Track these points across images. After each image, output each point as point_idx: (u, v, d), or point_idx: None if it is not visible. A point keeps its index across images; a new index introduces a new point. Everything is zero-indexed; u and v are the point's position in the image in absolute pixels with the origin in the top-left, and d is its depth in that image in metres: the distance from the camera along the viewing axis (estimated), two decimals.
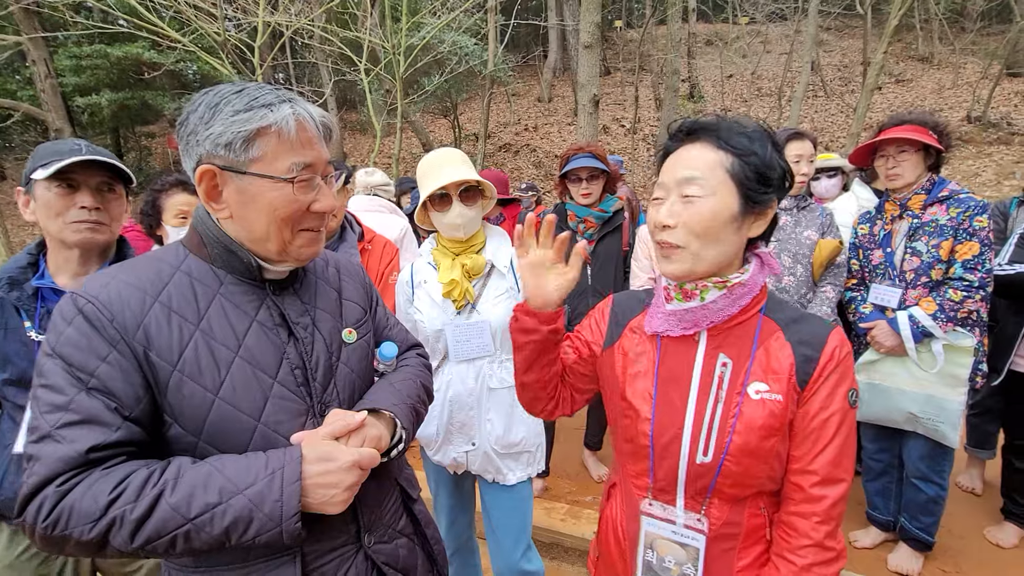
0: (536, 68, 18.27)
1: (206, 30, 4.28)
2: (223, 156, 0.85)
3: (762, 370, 0.97)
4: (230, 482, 0.78)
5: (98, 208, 1.37)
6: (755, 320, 1.00)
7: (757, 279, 1.00)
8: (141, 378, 0.82)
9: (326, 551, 0.93)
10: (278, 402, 0.89)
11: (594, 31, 6.35)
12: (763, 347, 0.98)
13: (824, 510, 0.94)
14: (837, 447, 0.94)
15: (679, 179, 0.95)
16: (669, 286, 1.02)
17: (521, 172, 13.19)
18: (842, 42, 17.37)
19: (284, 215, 0.88)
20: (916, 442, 2.17)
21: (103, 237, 1.40)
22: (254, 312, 0.92)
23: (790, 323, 1.00)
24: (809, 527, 0.94)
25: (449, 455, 1.76)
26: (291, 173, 0.87)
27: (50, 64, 11.53)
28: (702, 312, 0.98)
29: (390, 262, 2.08)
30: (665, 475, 1.02)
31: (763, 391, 0.95)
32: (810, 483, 0.95)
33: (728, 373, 0.98)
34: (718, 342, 1.00)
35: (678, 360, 1.02)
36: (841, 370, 0.95)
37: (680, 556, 1.02)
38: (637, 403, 1.03)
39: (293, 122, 0.86)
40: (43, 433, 0.77)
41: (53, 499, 0.74)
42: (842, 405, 0.95)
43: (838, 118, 13.04)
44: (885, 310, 2.19)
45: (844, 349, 0.96)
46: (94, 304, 0.81)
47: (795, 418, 0.96)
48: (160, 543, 0.75)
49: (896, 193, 2.18)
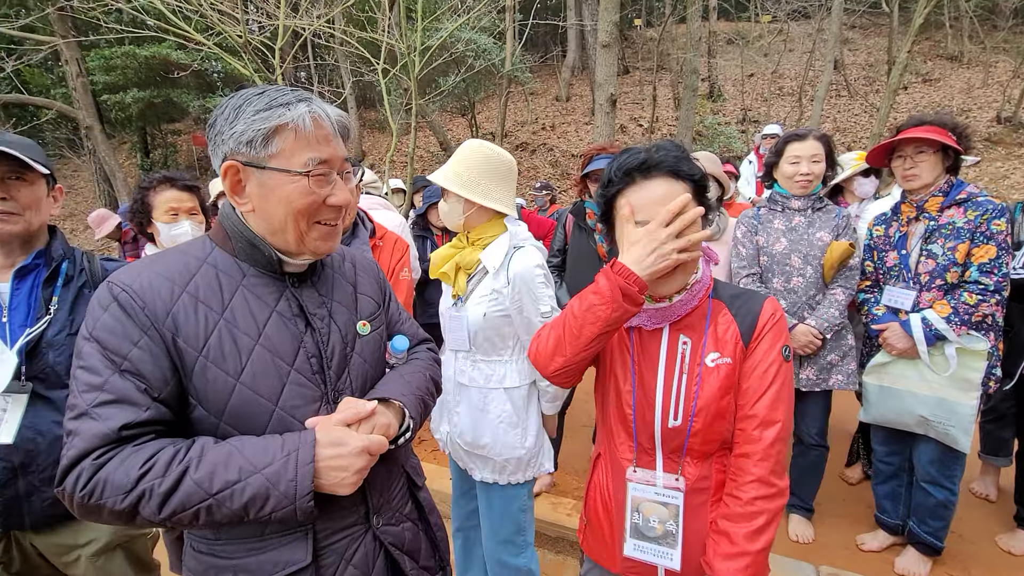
0: (554, 67, 18.24)
1: (228, 33, 4.40)
2: (245, 152, 0.90)
3: (714, 342, 1.16)
4: (249, 462, 0.84)
5: (4, 198, 1.32)
6: (706, 304, 1.20)
7: (706, 272, 1.21)
8: (169, 362, 0.88)
9: (337, 529, 0.98)
10: (294, 388, 0.95)
11: (612, 30, 6.35)
12: (713, 323, 1.18)
13: (763, 448, 1.11)
14: (774, 393, 1.12)
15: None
16: None
17: (538, 171, 13.20)
18: (868, 40, 17.00)
19: (300, 207, 0.93)
20: (927, 446, 2.15)
21: (16, 227, 1.34)
22: (274, 303, 0.97)
23: (732, 299, 1.21)
24: (751, 464, 1.12)
25: (440, 430, 1.87)
26: (307, 167, 0.92)
27: (81, 63, 11.91)
28: (669, 310, 1.18)
29: (401, 258, 2.13)
30: (646, 440, 1.20)
31: (716, 358, 1.15)
32: (752, 426, 1.12)
33: (688, 350, 1.17)
34: (678, 327, 1.20)
35: (648, 344, 1.22)
36: (776, 330, 1.15)
37: (663, 514, 1.18)
38: (621, 382, 1.23)
39: (309, 120, 0.91)
40: (81, 411, 0.83)
41: (89, 471, 0.80)
42: (777, 358, 1.14)
43: (862, 118, 12.78)
44: (898, 312, 2.17)
45: (777, 313, 1.17)
46: (128, 292, 0.88)
47: (740, 374, 1.15)
48: (185, 515, 0.81)
49: (912, 194, 2.17)
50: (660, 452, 1.21)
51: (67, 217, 15.75)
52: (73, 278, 1.44)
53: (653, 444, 1.20)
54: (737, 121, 13.62)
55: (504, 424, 1.72)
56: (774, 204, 2.43)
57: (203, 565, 0.95)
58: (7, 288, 1.35)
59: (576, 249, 2.87)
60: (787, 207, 2.39)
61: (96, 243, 12.73)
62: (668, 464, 1.20)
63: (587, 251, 2.82)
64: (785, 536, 2.50)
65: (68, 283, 1.43)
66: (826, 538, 2.50)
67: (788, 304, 2.33)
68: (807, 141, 2.33)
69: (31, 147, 1.38)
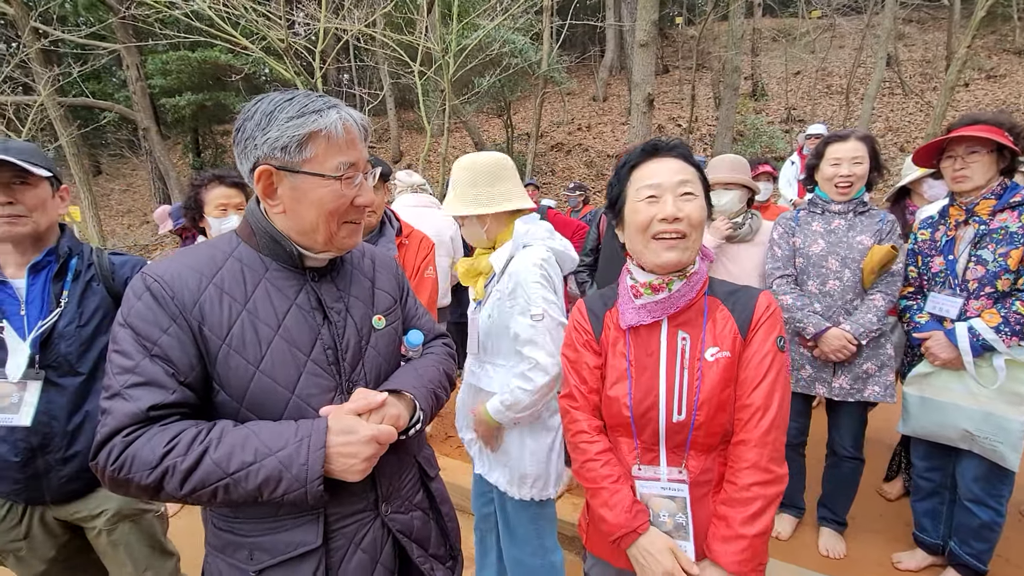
0: (592, 67, 18.10)
1: (271, 37, 4.58)
2: (279, 158, 0.94)
3: (713, 337, 1.19)
4: (264, 445, 0.88)
5: (10, 202, 1.39)
6: (702, 300, 1.23)
7: (703, 267, 1.25)
8: (195, 349, 0.93)
9: (347, 515, 1.02)
10: (310, 378, 0.99)
11: (651, 29, 6.25)
12: (711, 319, 1.21)
13: (759, 436, 1.13)
14: (769, 382, 1.15)
15: (675, 181, 1.17)
16: (638, 284, 1.24)
17: (572, 171, 13.13)
18: (926, 35, 16.12)
19: (331, 209, 0.98)
20: (971, 462, 2.03)
21: (24, 229, 1.42)
22: (294, 296, 1.02)
23: (728, 295, 1.24)
24: (747, 451, 1.14)
25: (465, 434, 1.88)
26: (339, 172, 0.96)
27: (141, 69, 12.63)
28: (668, 301, 1.21)
29: (426, 256, 2.17)
30: (648, 437, 1.22)
31: (716, 352, 1.18)
32: (748, 414, 1.15)
33: (688, 345, 1.20)
34: (677, 323, 1.22)
35: (647, 343, 1.23)
36: (771, 321, 1.18)
37: (671, 508, 1.20)
38: (617, 385, 1.23)
39: (340, 126, 0.96)
40: (114, 391, 0.89)
41: (120, 447, 0.86)
42: (772, 348, 1.17)
43: (916, 117, 12.14)
44: (943, 321, 2.06)
45: (772, 306, 1.21)
46: (160, 282, 0.94)
47: (739, 365, 1.17)
48: (204, 492, 0.86)
49: (962, 197, 2.05)
50: (664, 447, 1.22)
51: (125, 213, 16.71)
52: (81, 273, 1.54)
53: (656, 440, 1.22)
54: (781, 120, 13.17)
55: (513, 432, 1.70)
56: (814, 207, 2.35)
57: (222, 541, 1.01)
58: (23, 284, 1.46)
59: (608, 249, 2.85)
60: (827, 210, 2.30)
61: (156, 238, 13.46)
62: (671, 458, 1.22)
63: (619, 251, 2.80)
64: (815, 550, 2.41)
65: (77, 278, 1.53)
66: (859, 554, 2.39)
67: (823, 308, 2.24)
68: (848, 142, 2.23)
69: (33, 152, 1.46)
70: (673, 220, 1.14)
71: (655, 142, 1.23)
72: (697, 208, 1.16)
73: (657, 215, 1.15)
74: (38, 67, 8.56)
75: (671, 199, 1.15)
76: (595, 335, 1.31)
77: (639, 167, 1.22)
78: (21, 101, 8.23)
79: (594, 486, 1.22)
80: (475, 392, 1.80)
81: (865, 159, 2.22)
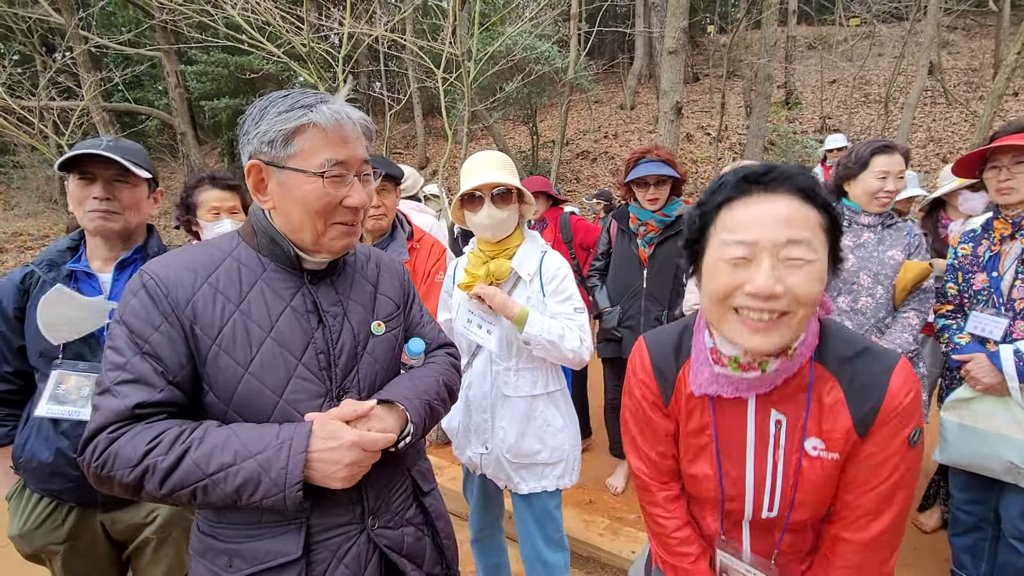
0: (620, 75, 17.99)
1: (295, 42, 4.68)
2: (267, 152, 0.93)
3: (816, 425, 0.92)
4: (244, 447, 0.85)
5: (108, 198, 1.43)
6: (807, 370, 0.92)
7: (813, 327, 0.91)
8: (186, 348, 0.91)
9: (331, 527, 0.98)
10: (300, 382, 0.96)
11: (680, 36, 6.15)
12: (816, 399, 0.92)
13: (866, 540, 0.92)
14: (891, 485, 0.90)
15: (780, 240, 0.81)
16: (720, 353, 0.91)
17: (597, 179, 13.02)
18: (972, 43, 15.49)
19: (316, 208, 0.94)
20: (1017, 497, 1.87)
21: (116, 225, 1.46)
22: (289, 298, 0.99)
23: (844, 364, 0.91)
24: (849, 551, 0.94)
25: (466, 454, 1.80)
26: (322, 168, 0.93)
27: (179, 76, 13.14)
28: (760, 380, 0.90)
29: (437, 261, 2.13)
30: (731, 526, 1.04)
31: (820, 448, 0.91)
32: (855, 515, 0.93)
33: (784, 430, 0.93)
34: (769, 399, 0.94)
35: (730, 418, 0.97)
36: (905, 414, 0.88)
37: None
38: (699, 464, 1.01)
39: (329, 122, 0.93)
40: (105, 387, 0.88)
41: (104, 444, 0.85)
42: (901, 447, 0.89)
43: (960, 127, 11.64)
44: (986, 342, 1.92)
45: (910, 392, 0.88)
46: (155, 280, 0.92)
47: (848, 460, 0.92)
48: (183, 493, 0.84)
49: (1008, 210, 1.91)
50: (747, 540, 1.03)
51: (162, 215, 17.30)
52: None
53: (740, 533, 1.04)
54: (815, 130, 12.81)
55: (552, 428, 1.72)
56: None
57: (204, 545, 0.98)
58: (109, 279, 1.49)
59: (619, 253, 2.80)
60: (855, 222, 2.19)
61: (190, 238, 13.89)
62: (755, 544, 1.03)
63: (629, 255, 2.75)
64: None
65: None
66: None
67: (854, 325, 2.12)
68: (895, 155, 2.12)
69: (138, 153, 1.51)
70: (768, 298, 0.80)
71: (760, 169, 0.85)
72: (809, 279, 0.80)
73: (744, 287, 0.82)
74: (84, 73, 8.97)
75: (768, 264, 0.80)
76: (663, 399, 1.04)
77: (730, 206, 0.86)
78: (68, 106, 8.62)
79: (673, 564, 1.09)
80: (504, 402, 1.72)
81: (904, 174, 2.13)
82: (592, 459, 3.22)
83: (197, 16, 5.16)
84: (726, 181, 0.88)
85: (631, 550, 2.33)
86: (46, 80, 7.66)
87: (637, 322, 2.72)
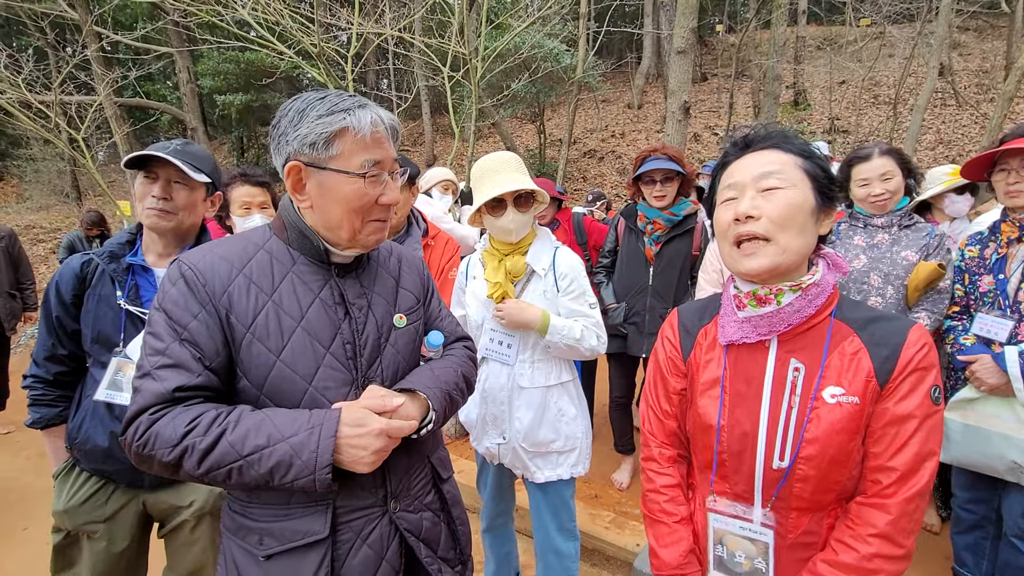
0: (628, 74, 17.95)
1: (304, 41, 4.73)
2: (308, 154, 0.97)
3: (836, 374, 0.96)
4: (278, 430, 0.90)
5: (165, 198, 1.52)
6: (826, 323, 0.99)
7: (828, 279, 1.00)
8: (222, 335, 0.96)
9: (355, 508, 1.03)
10: (328, 371, 1.00)
11: (688, 36, 6.15)
12: (836, 350, 0.97)
13: (900, 503, 0.92)
14: (919, 443, 0.93)
15: (756, 175, 0.98)
16: (740, 293, 1.02)
17: (604, 179, 13.02)
18: (983, 44, 15.36)
19: (356, 206, 1.00)
20: (1020, 496, 1.90)
21: (170, 223, 1.54)
22: (318, 290, 1.04)
23: (865, 324, 0.99)
24: (880, 516, 0.93)
25: (484, 444, 1.85)
26: (363, 169, 0.98)
27: (191, 72, 13.22)
28: (778, 316, 0.98)
29: (451, 257, 2.18)
30: (742, 480, 1.03)
31: (839, 394, 0.95)
32: (888, 479, 0.94)
33: (801, 378, 0.97)
34: (789, 347, 1.00)
35: (748, 367, 1.02)
36: (925, 367, 0.93)
37: (750, 550, 1.04)
38: (706, 415, 1.05)
39: (368, 124, 0.98)
40: (145, 371, 0.93)
41: (146, 424, 0.89)
42: (923, 402, 0.93)
43: (971, 130, 11.57)
44: (991, 344, 1.95)
45: (927, 345, 0.95)
46: (193, 270, 0.98)
47: (872, 417, 0.95)
48: (219, 473, 0.89)
49: (1016, 213, 1.94)
50: (760, 496, 1.02)
51: None
52: None
53: (751, 487, 1.03)
54: (824, 131, 12.76)
55: (566, 417, 1.79)
56: (855, 220, 2.26)
57: (236, 524, 1.03)
58: (163, 273, 1.54)
59: (626, 251, 2.83)
60: (869, 224, 2.21)
61: None
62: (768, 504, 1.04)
63: (636, 253, 2.78)
64: None
65: None
66: None
67: None
68: (872, 161, 2.14)
69: (202, 159, 1.59)
70: (745, 219, 0.96)
71: (748, 135, 1.04)
72: (781, 203, 0.94)
73: (732, 216, 0.99)
74: (99, 68, 9.07)
75: (748, 195, 0.97)
76: (682, 353, 1.13)
77: (727, 167, 1.05)
78: (84, 101, 8.73)
79: (653, 518, 1.14)
80: (519, 393, 1.77)
81: (895, 172, 2.14)
82: (597, 455, 3.25)
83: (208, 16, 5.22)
84: (725, 149, 1.08)
85: (636, 543, 2.37)
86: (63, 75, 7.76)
87: (642, 319, 2.76)
